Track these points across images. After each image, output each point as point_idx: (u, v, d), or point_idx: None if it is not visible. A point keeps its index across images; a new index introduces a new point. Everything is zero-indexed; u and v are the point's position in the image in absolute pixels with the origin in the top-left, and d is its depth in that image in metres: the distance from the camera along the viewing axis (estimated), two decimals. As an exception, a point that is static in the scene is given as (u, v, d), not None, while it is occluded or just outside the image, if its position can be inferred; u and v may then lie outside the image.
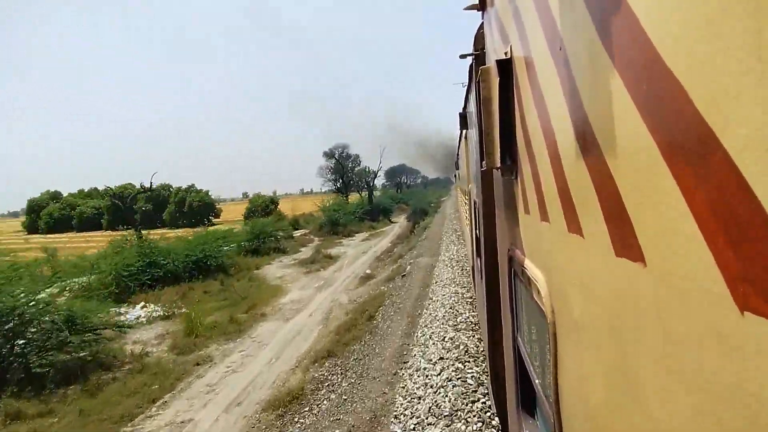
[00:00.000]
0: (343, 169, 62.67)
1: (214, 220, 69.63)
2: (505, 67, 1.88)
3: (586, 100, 0.92)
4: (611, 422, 0.88)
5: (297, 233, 40.00)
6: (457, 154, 14.36)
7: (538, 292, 1.46)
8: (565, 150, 1.09)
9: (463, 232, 18.19)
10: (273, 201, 64.65)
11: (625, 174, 0.73)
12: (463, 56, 4.08)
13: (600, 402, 0.94)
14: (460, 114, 6.59)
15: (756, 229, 0.43)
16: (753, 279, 0.44)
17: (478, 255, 5.42)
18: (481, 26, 3.36)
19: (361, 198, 63.41)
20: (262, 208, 60.35)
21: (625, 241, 0.74)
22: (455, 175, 25.55)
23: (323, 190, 69.47)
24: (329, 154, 63.33)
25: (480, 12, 3.16)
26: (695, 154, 0.52)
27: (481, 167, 2.71)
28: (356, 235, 38.87)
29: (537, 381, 1.72)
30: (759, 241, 0.43)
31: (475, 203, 5.62)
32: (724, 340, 0.49)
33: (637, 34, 0.64)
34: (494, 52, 2.41)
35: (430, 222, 36.23)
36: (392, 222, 49.12)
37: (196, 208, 69.35)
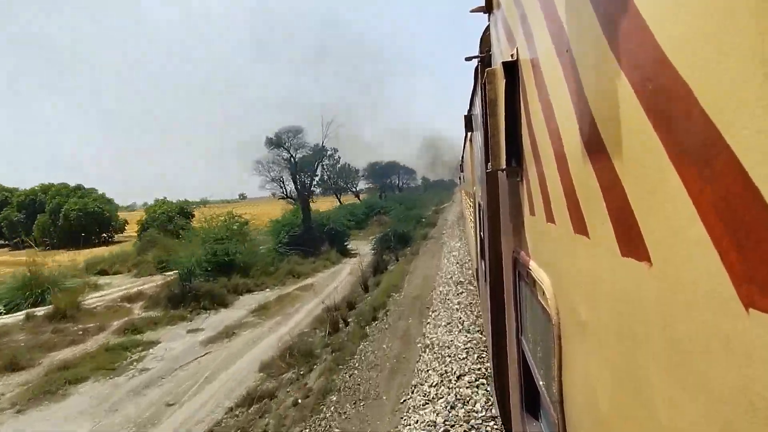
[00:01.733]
0: (296, 165, 40.23)
1: (116, 237, 46.95)
2: (512, 69, 1.89)
3: (593, 102, 0.92)
4: (616, 425, 0.88)
5: (129, 289, 20.78)
6: (462, 157, 14.33)
7: (543, 293, 1.46)
8: (572, 151, 1.10)
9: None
10: (182, 210, 41.33)
11: (632, 175, 0.74)
12: (468, 58, 4.07)
13: (605, 404, 0.94)
14: (465, 116, 6.58)
15: (762, 231, 0.44)
16: (759, 280, 0.44)
17: (483, 257, 5.42)
18: (487, 28, 3.36)
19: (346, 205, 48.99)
20: (163, 221, 38.85)
21: (632, 242, 0.74)
22: (460, 178, 21.74)
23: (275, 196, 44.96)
24: (275, 143, 40.30)
25: (486, 14, 3.16)
26: (701, 155, 0.53)
27: (487, 169, 2.71)
28: (245, 297, 19.22)
29: (541, 383, 1.71)
30: (765, 242, 0.43)
31: (479, 205, 5.62)
32: (730, 341, 0.49)
33: (644, 35, 0.64)
34: (500, 54, 2.41)
35: (404, 272, 17.66)
36: (349, 255, 28.36)
37: (74, 219, 44.06)
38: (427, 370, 7.82)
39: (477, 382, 6.87)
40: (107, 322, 16.33)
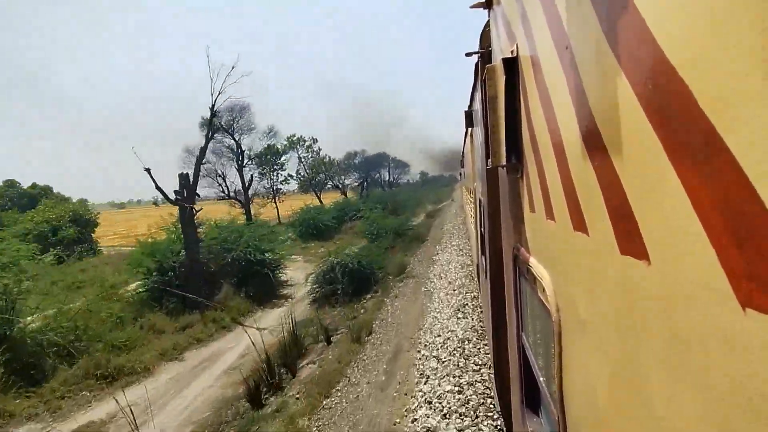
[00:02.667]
0: (242, 154, 30.19)
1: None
2: (512, 65, 1.88)
3: (592, 99, 0.92)
4: (616, 420, 0.88)
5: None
6: (462, 153, 14.31)
7: (543, 290, 1.47)
8: (571, 148, 1.10)
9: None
10: (77, 217, 27.66)
11: (631, 172, 0.74)
12: (468, 54, 4.06)
13: (604, 400, 0.94)
14: (465, 112, 6.58)
15: (759, 228, 0.44)
16: (756, 277, 0.44)
17: (483, 253, 5.42)
18: (487, 24, 3.35)
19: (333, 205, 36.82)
20: (42, 233, 24.46)
21: (630, 240, 0.74)
22: (460, 173, 20.62)
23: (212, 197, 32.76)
24: (213, 124, 25.63)
25: (486, 10, 3.15)
26: (700, 153, 0.53)
27: (487, 165, 2.72)
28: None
29: (541, 379, 1.72)
30: (762, 239, 0.44)
31: (480, 201, 5.62)
32: (728, 337, 0.49)
33: (643, 33, 0.64)
34: (500, 51, 2.41)
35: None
36: (274, 300, 15.80)
37: None
38: None
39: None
40: None
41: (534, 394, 2.09)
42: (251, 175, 33.07)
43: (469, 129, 7.18)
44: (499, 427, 5.15)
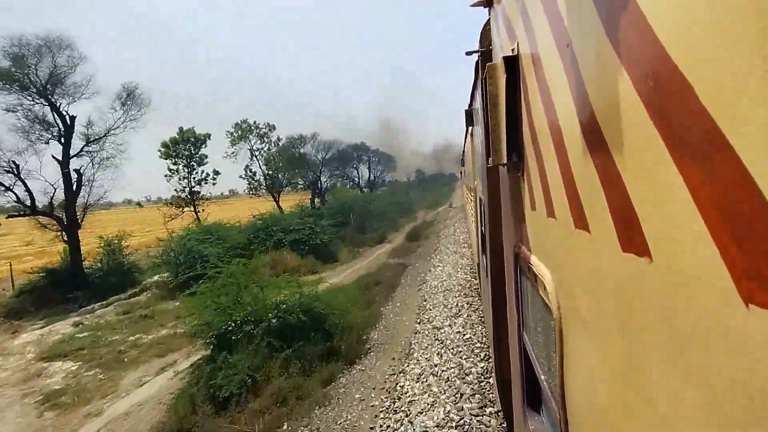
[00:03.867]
0: (66, 131, 16.75)
1: None
2: (512, 63, 1.88)
3: (593, 97, 0.92)
4: (617, 418, 0.88)
5: None
6: (463, 151, 14.31)
7: (545, 288, 1.47)
8: (572, 146, 1.10)
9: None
10: None
11: (632, 170, 0.74)
12: (469, 53, 4.06)
13: (606, 398, 0.94)
14: (465, 111, 6.58)
15: (761, 226, 0.44)
16: (758, 274, 0.44)
17: (484, 252, 5.43)
18: (488, 22, 3.35)
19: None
20: None
21: (632, 237, 0.74)
22: (461, 172, 19.84)
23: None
24: (5, 75, 14.79)
25: (486, 8, 3.15)
26: (701, 150, 0.53)
27: (487, 164, 2.72)
28: None
29: (543, 378, 1.72)
30: (763, 237, 0.44)
31: (480, 200, 5.62)
32: (729, 335, 0.49)
33: (644, 31, 0.64)
34: (501, 49, 2.40)
35: None
36: None
37: None
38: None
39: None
40: None
41: (535, 392, 2.09)
42: (78, 172, 17.91)
43: (470, 128, 7.18)
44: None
